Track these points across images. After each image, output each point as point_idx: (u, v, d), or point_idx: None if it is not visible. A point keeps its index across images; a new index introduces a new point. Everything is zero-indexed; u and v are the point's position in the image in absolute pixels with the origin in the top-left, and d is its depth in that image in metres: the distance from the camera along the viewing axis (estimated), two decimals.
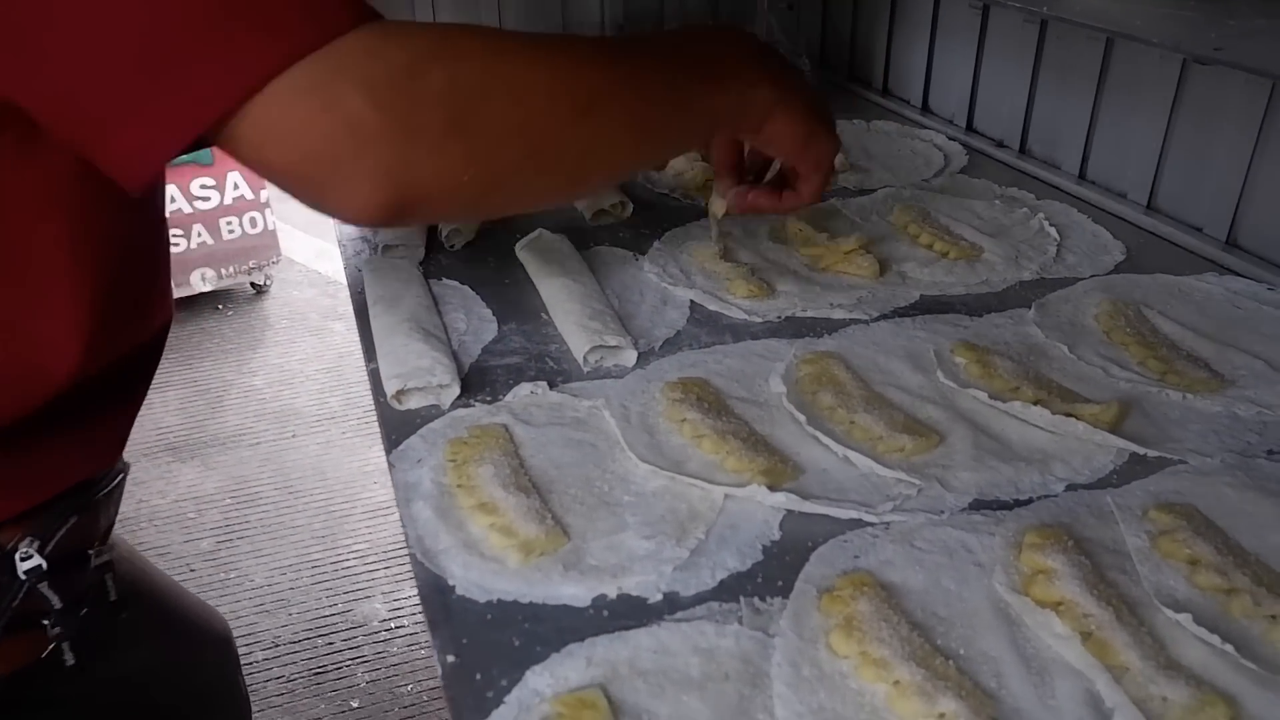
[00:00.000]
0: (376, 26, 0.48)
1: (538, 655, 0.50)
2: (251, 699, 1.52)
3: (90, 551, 0.68)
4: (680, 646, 0.50)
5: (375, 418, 0.71)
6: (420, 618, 1.87)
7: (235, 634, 1.05)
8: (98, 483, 0.67)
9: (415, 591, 1.76)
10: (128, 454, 0.74)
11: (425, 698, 1.73)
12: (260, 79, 0.44)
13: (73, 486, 0.65)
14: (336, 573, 2.00)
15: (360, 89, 0.46)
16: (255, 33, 0.44)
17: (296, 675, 1.78)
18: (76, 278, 0.55)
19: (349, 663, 1.80)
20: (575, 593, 0.54)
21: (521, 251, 0.91)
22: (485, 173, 0.52)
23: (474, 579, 0.55)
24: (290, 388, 2.62)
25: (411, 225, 0.59)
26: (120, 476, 0.71)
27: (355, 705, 1.72)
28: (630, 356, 0.75)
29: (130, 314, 0.63)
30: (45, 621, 0.64)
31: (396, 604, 1.92)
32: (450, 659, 0.50)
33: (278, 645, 1.83)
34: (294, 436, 2.41)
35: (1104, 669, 0.47)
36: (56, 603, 0.64)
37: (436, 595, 0.54)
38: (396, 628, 1.87)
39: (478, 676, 0.49)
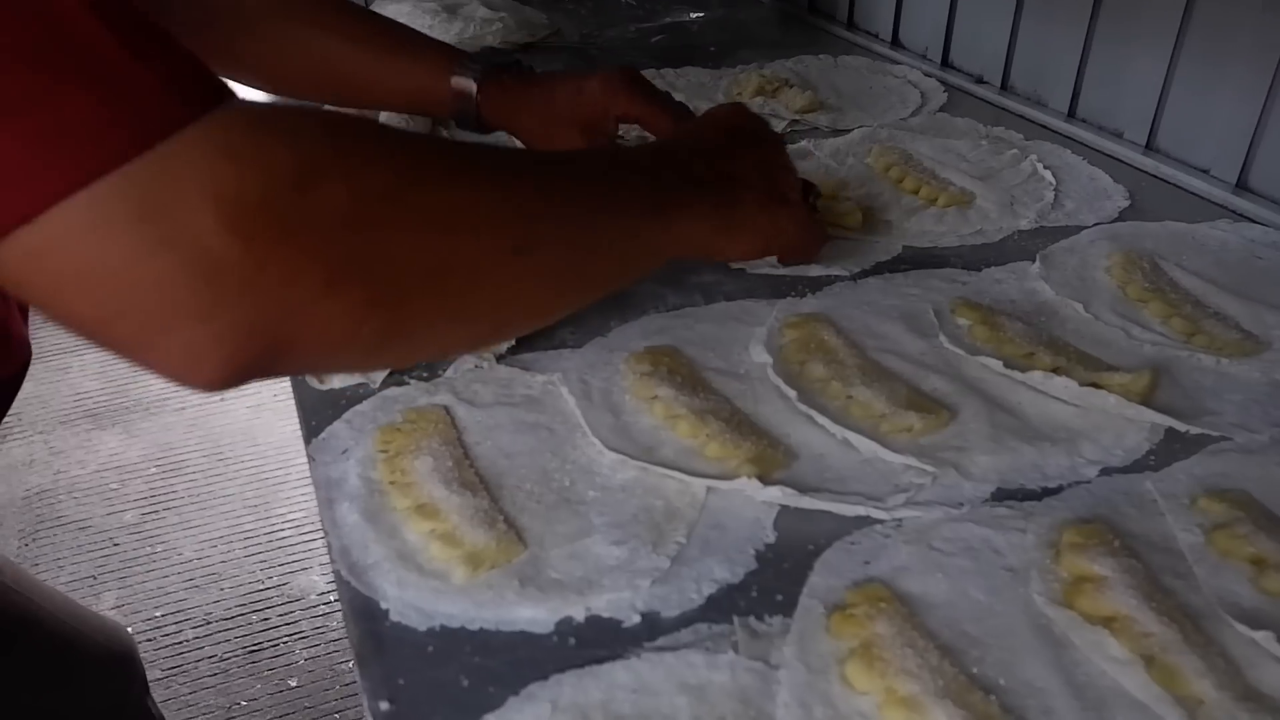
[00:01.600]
0: (241, 112, 0.34)
1: (491, 699, 0.41)
2: (183, 680, 1.42)
3: None
4: (664, 683, 0.41)
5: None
6: None
7: (163, 612, 0.95)
8: None
9: None
10: (44, 422, 0.63)
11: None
12: (48, 197, 0.30)
13: None
14: (271, 544, 1.89)
15: (216, 209, 0.32)
16: (49, 131, 0.30)
17: (230, 654, 1.67)
18: None
19: (286, 639, 1.70)
20: (535, 615, 0.44)
21: None
22: (388, 323, 0.38)
23: (411, 600, 0.45)
24: None
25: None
26: None
27: (294, 684, 1.63)
28: None
29: None
30: None
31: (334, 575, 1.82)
32: (384, 706, 0.41)
33: (209, 622, 1.72)
34: (222, 400, 2.27)
35: (1175, 702, 0.39)
36: None
37: (366, 622, 0.45)
38: (335, 600, 1.76)
39: None
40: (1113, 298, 0.69)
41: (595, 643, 0.43)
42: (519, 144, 0.80)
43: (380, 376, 0.60)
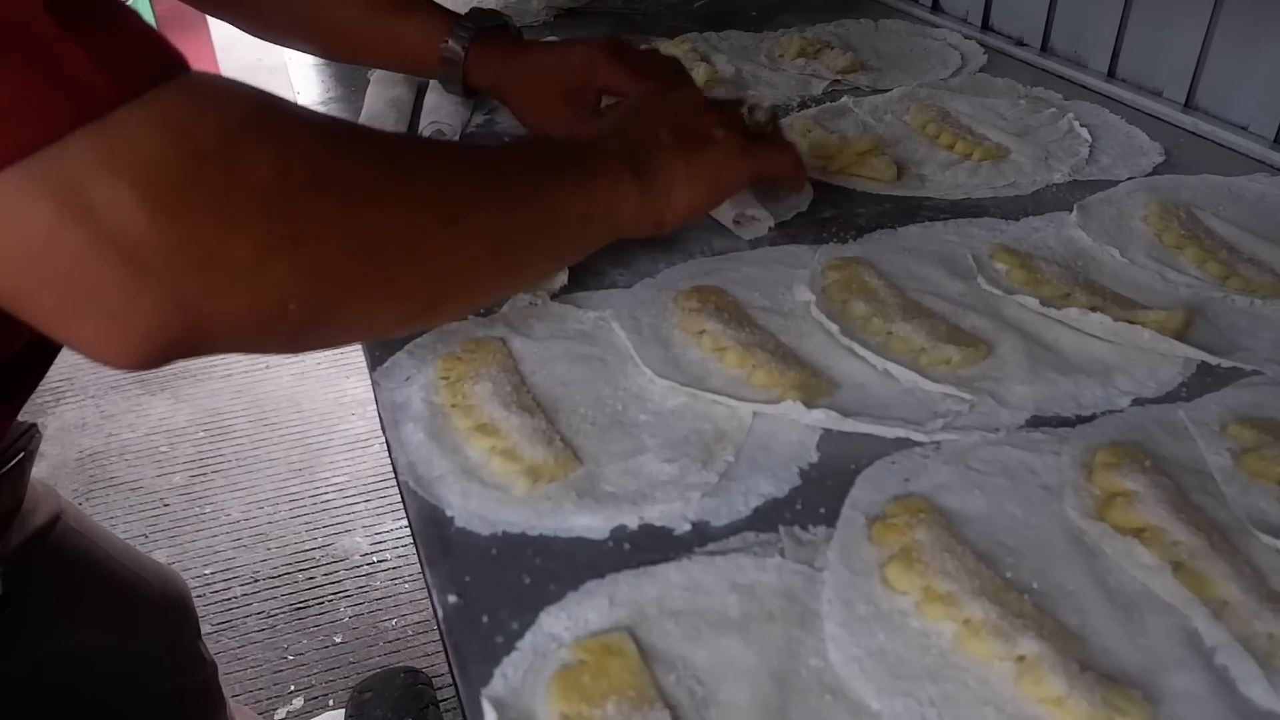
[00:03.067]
0: (179, 88, 0.34)
1: (552, 595, 0.44)
2: (233, 635, 1.47)
3: None
4: (715, 583, 0.44)
5: (353, 347, 0.64)
6: (403, 551, 1.82)
7: (212, 570, 0.99)
8: None
9: (397, 525, 1.69)
10: (96, 387, 0.66)
11: (410, 632, 1.68)
12: None
13: None
14: (315, 506, 1.94)
15: (136, 183, 0.32)
16: None
17: (278, 610, 1.72)
18: None
19: (331, 597, 1.75)
20: (591, 523, 0.47)
21: None
22: (315, 299, 0.38)
23: (475, 509, 0.48)
24: None
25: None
26: (21, 455, 0.65)
27: (339, 640, 1.68)
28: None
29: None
30: None
31: (378, 537, 1.86)
32: (452, 599, 0.44)
33: (257, 580, 1.77)
34: (267, 367, 2.33)
35: (1201, 603, 0.42)
36: None
37: (433, 528, 0.47)
38: (379, 561, 1.82)
39: (484, 619, 0.42)
40: (1149, 244, 0.70)
41: (649, 548, 0.46)
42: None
43: None
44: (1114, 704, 0.37)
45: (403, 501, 0.51)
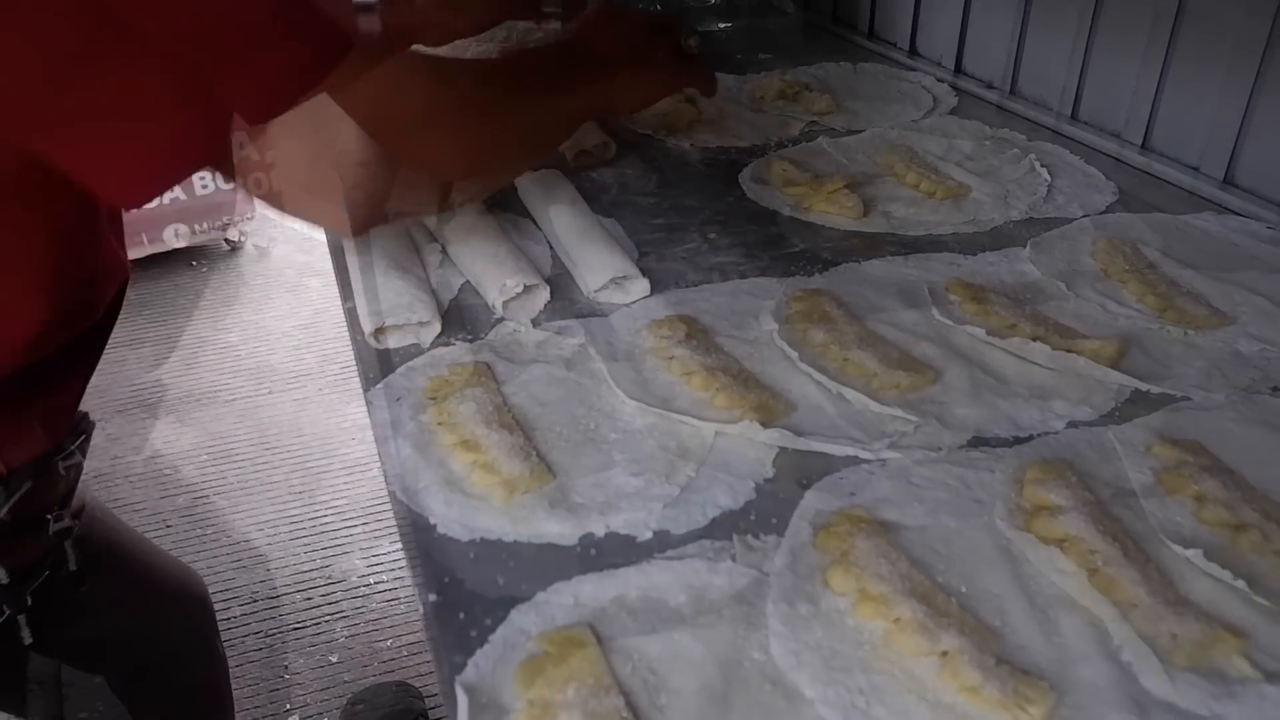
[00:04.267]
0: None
1: (523, 594, 0.48)
2: (229, 654, 1.51)
3: (49, 516, 0.67)
4: (671, 584, 0.48)
5: (350, 374, 0.69)
6: (399, 573, 1.86)
7: (212, 590, 1.03)
8: (53, 450, 0.66)
9: (393, 548, 1.74)
10: (101, 411, 0.70)
11: (405, 652, 1.71)
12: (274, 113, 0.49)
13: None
14: (314, 529, 1.98)
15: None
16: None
17: (275, 630, 1.76)
18: (32, 262, 0.54)
19: (328, 618, 1.78)
20: (561, 531, 0.52)
21: (526, 184, 0.88)
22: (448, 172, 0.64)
23: (456, 517, 0.52)
24: (266, 344, 2.57)
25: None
26: (83, 438, 0.70)
27: (335, 660, 1.71)
28: (643, 287, 0.73)
29: (83, 291, 0.61)
30: None
31: (375, 560, 1.90)
32: (432, 598, 0.48)
33: (255, 601, 1.81)
34: (270, 393, 2.37)
35: (1111, 605, 0.46)
36: (4, 578, 0.63)
37: (417, 533, 0.52)
38: (375, 583, 1.85)
39: (461, 615, 0.47)
40: (1094, 278, 0.75)
41: (613, 553, 0.51)
42: None
43: (430, 337, 0.67)
44: (1023, 693, 0.41)
45: (393, 508, 0.55)
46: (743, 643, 0.45)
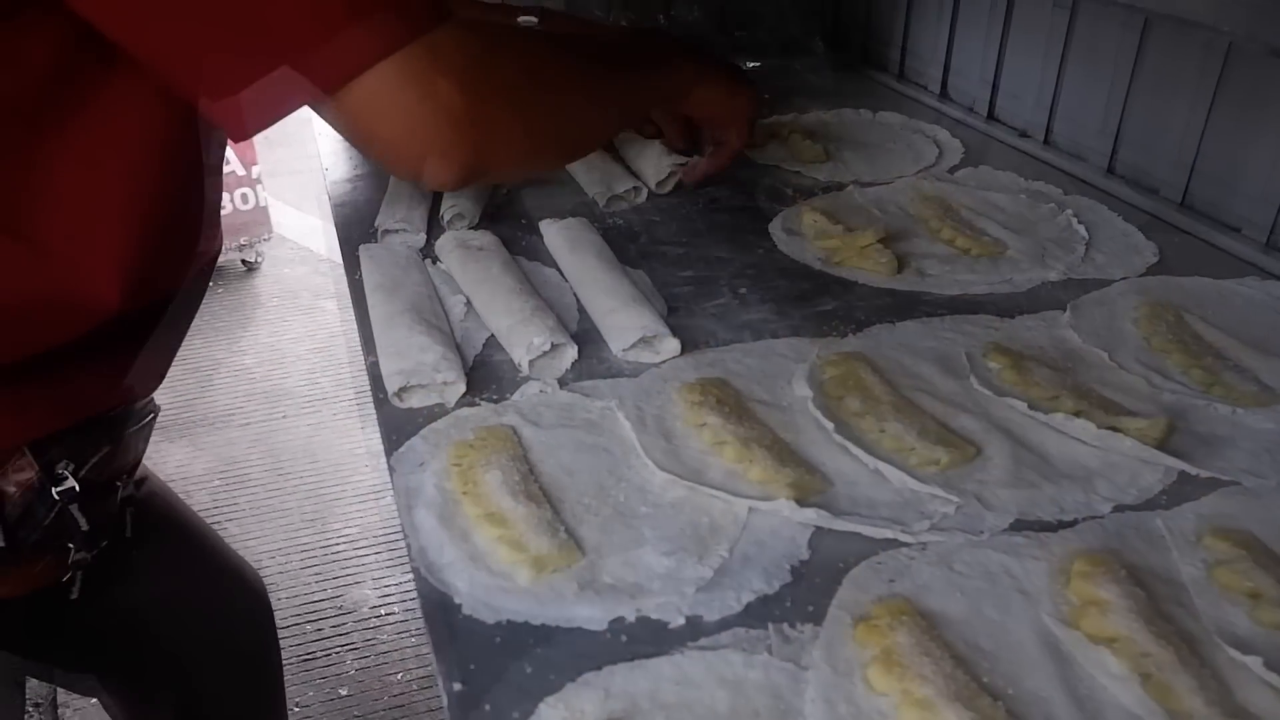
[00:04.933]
0: (456, 24, 0.55)
1: (551, 685, 0.46)
2: None
3: (118, 483, 0.72)
4: (705, 678, 0.46)
5: (365, 400, 0.69)
6: (411, 605, 1.84)
7: None
8: (129, 417, 0.71)
9: (405, 578, 1.73)
10: None
11: (415, 687, 1.69)
12: (364, 66, 0.51)
13: (107, 415, 0.68)
14: (326, 557, 1.96)
15: (451, 78, 0.54)
16: (360, 25, 0.50)
17: (285, 661, 1.73)
18: (127, 213, 0.58)
19: (338, 649, 1.77)
20: (591, 614, 0.50)
21: (552, 234, 0.87)
22: (533, 144, 0.63)
23: (481, 597, 0.51)
24: (281, 368, 2.57)
25: (477, 185, 0.75)
26: (150, 416, 0.75)
27: (344, 693, 1.69)
28: (673, 346, 0.72)
29: (174, 255, 0.66)
30: (70, 545, 0.68)
31: (386, 591, 1.88)
32: (457, 687, 0.46)
33: None
34: (284, 417, 2.37)
35: (1167, 715, 0.44)
36: (84, 524, 0.67)
37: (441, 613, 0.50)
38: (386, 614, 1.83)
39: (487, 708, 0.45)
40: (1137, 347, 0.73)
41: (644, 640, 0.49)
42: None
43: (455, 397, 0.66)
44: None
45: (417, 584, 0.53)
46: None
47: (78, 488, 0.66)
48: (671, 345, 0.71)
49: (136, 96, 0.56)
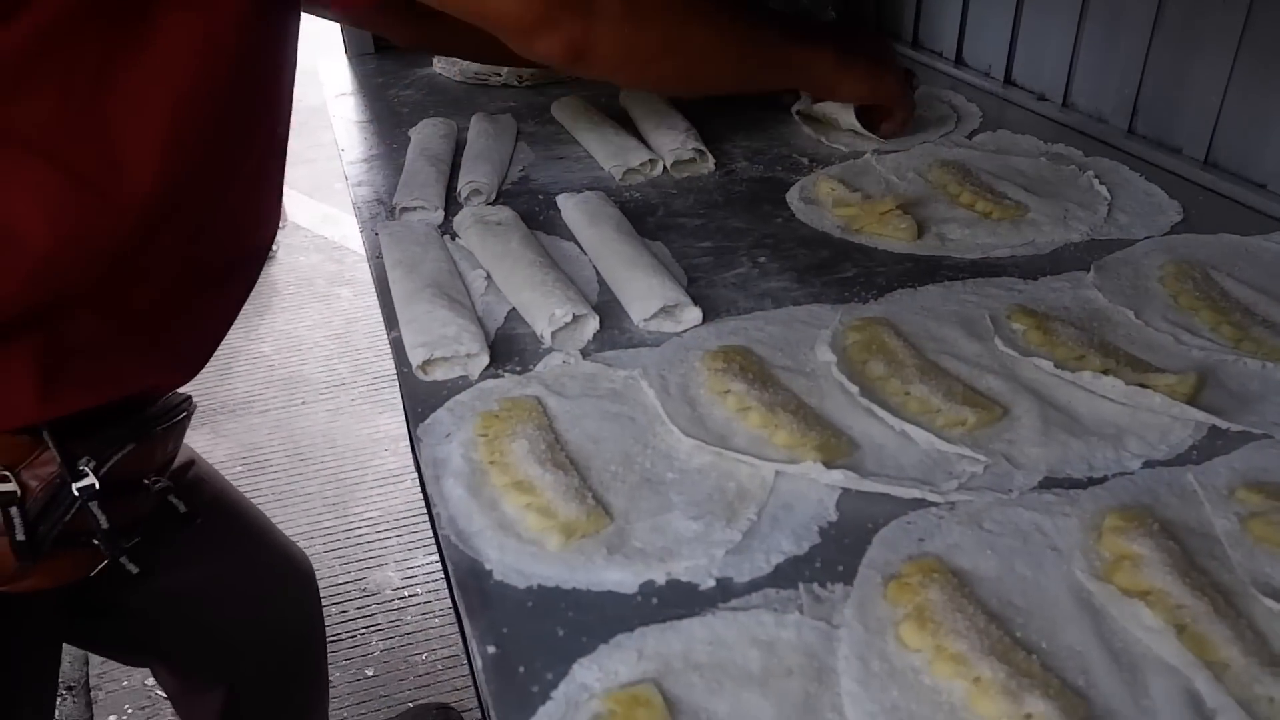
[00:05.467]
0: None
1: (584, 647, 0.46)
2: None
3: (146, 481, 0.72)
4: (737, 638, 0.46)
5: (383, 385, 0.70)
6: (434, 586, 1.85)
7: None
8: (159, 416, 0.72)
9: (428, 560, 1.75)
10: None
11: (439, 666, 1.71)
12: None
13: (135, 408, 0.69)
14: (348, 541, 1.98)
15: None
16: None
17: None
18: (166, 150, 0.59)
19: (363, 631, 1.78)
20: (621, 578, 0.50)
21: (570, 207, 0.86)
22: (643, 42, 0.73)
23: (511, 563, 0.51)
24: (299, 354, 2.58)
25: (574, 74, 0.77)
26: (184, 415, 0.75)
27: (370, 673, 1.70)
28: (694, 315, 0.71)
29: (214, 213, 0.67)
30: (95, 542, 0.69)
31: (409, 572, 1.89)
32: (491, 650, 0.46)
33: None
34: (303, 403, 2.38)
35: (1203, 666, 0.43)
36: (103, 523, 0.68)
37: (473, 580, 0.50)
38: (410, 596, 1.85)
39: (521, 669, 0.45)
40: (1164, 305, 0.72)
41: (675, 603, 0.49)
42: None
43: (478, 369, 0.66)
44: None
45: (436, 544, 0.53)
46: (815, 703, 0.43)
47: (98, 485, 0.66)
48: (693, 314, 0.71)
49: (179, 35, 0.56)
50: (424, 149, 0.97)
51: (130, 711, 1.64)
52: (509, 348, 0.69)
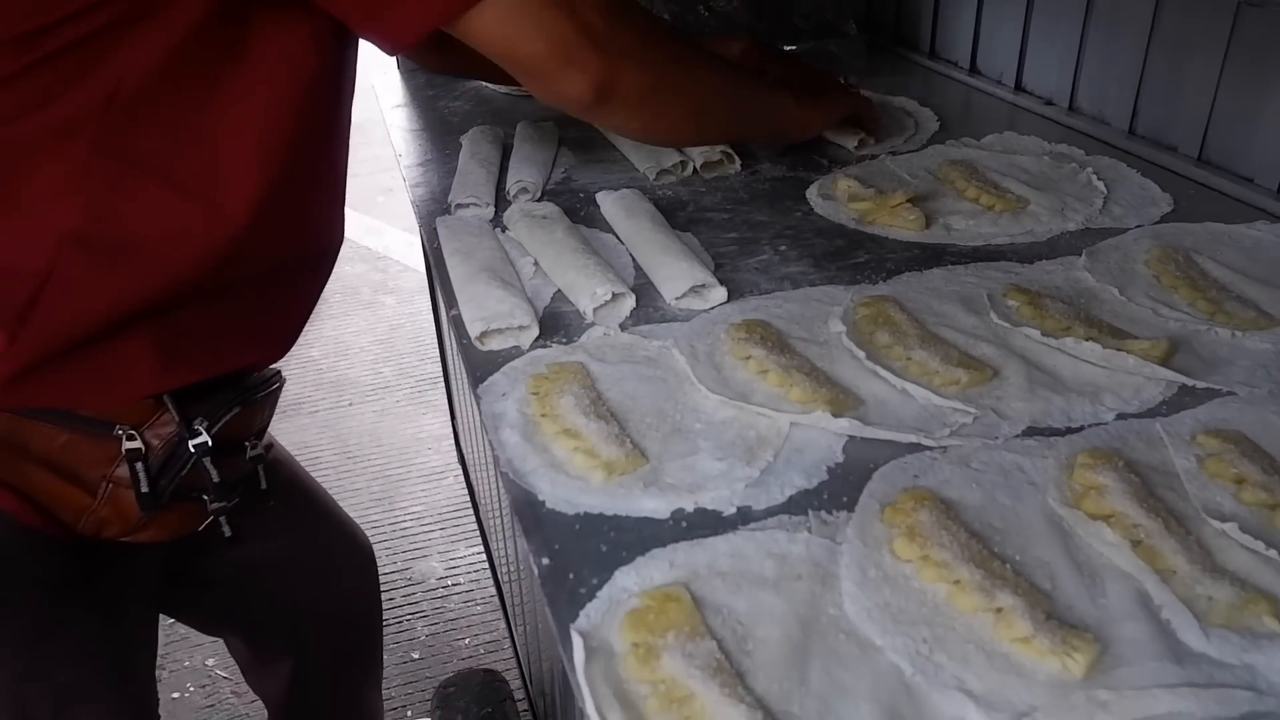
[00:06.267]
0: None
1: (623, 559, 0.55)
2: None
3: (246, 443, 0.81)
4: (755, 551, 0.54)
5: (426, 387, 0.78)
6: (476, 575, 1.94)
7: None
8: (258, 385, 0.81)
9: (470, 551, 1.85)
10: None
11: (482, 650, 1.79)
12: None
13: (239, 378, 0.78)
14: (394, 533, 2.07)
15: (595, 6, 0.67)
16: None
17: None
18: (262, 162, 0.68)
19: (409, 617, 1.87)
20: (655, 506, 0.58)
21: (608, 202, 0.95)
22: (659, 82, 0.76)
23: (562, 495, 0.59)
24: (346, 359, 2.69)
25: (593, 118, 0.80)
26: (277, 386, 0.85)
27: (416, 656, 1.79)
28: (720, 294, 0.79)
29: (300, 215, 0.76)
30: (205, 497, 0.77)
31: (453, 563, 1.99)
32: (545, 561, 0.55)
33: None
34: (350, 405, 2.49)
35: (1153, 572, 0.51)
36: (215, 477, 0.76)
37: (528, 509, 0.59)
38: (453, 585, 1.94)
39: (570, 576, 0.54)
40: (1147, 284, 0.79)
41: (701, 526, 0.57)
42: None
43: (529, 340, 0.75)
44: (1070, 643, 0.47)
45: (481, 535, 0.62)
46: (819, 601, 0.51)
47: (210, 443, 0.76)
48: (719, 293, 0.79)
49: (267, 58, 0.65)
50: (474, 153, 1.06)
51: (191, 689, 1.74)
52: (555, 323, 0.78)
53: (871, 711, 0.45)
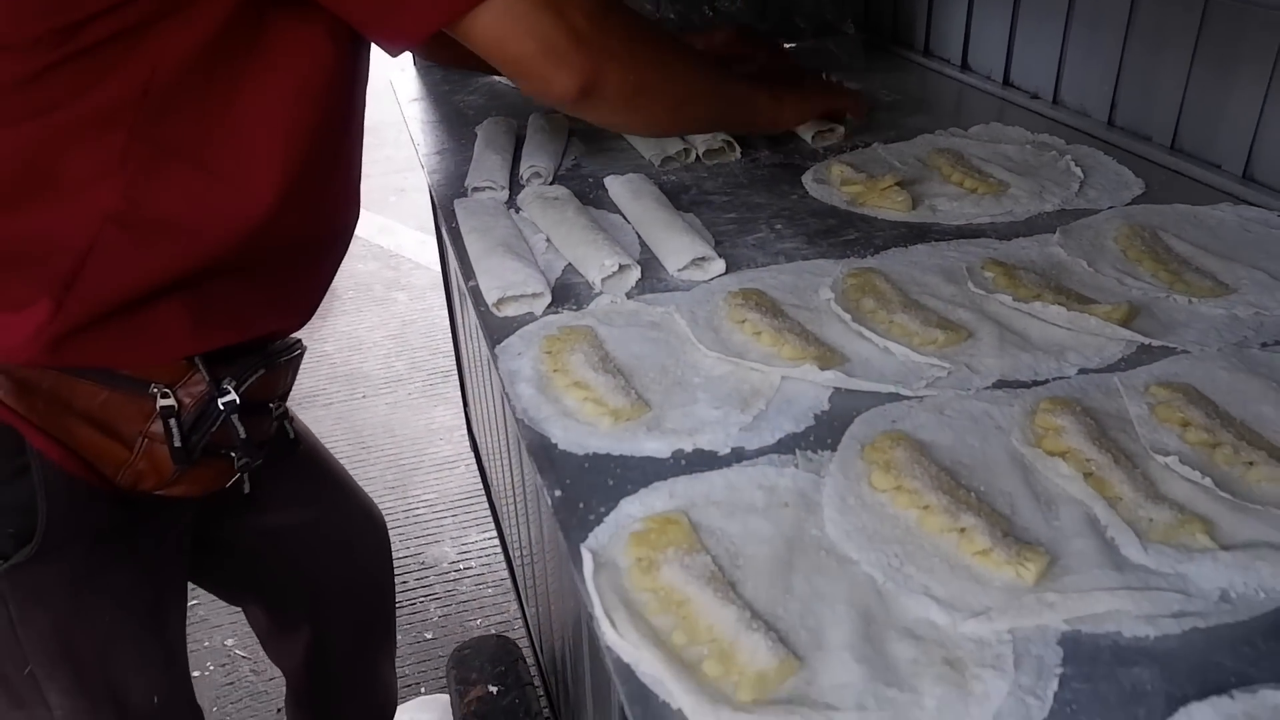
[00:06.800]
0: None
1: (628, 491, 0.61)
2: None
3: (270, 405, 0.86)
4: (746, 483, 0.61)
5: (437, 380, 0.84)
6: (487, 560, 2.00)
7: None
8: (281, 350, 0.85)
9: (482, 536, 1.93)
10: None
11: (493, 630, 1.85)
12: None
13: (265, 342, 0.83)
14: (408, 519, 2.14)
15: (581, 9, 0.71)
16: None
17: None
18: (287, 145, 0.73)
19: (422, 599, 1.94)
20: (657, 447, 0.65)
21: (616, 185, 1.02)
22: (642, 80, 0.79)
23: (573, 438, 0.66)
24: (359, 353, 2.76)
25: (581, 113, 0.83)
26: (299, 351, 0.89)
27: (429, 636, 1.86)
28: (719, 266, 0.86)
29: (320, 196, 0.81)
30: (232, 454, 0.82)
31: (464, 548, 2.05)
32: (558, 493, 0.61)
33: None
34: (364, 397, 2.55)
35: (1101, 498, 0.57)
36: (242, 433, 0.81)
37: (542, 450, 0.65)
38: (465, 568, 2.00)
39: (580, 505, 0.60)
40: (1115, 258, 0.86)
41: (699, 463, 0.63)
42: None
43: (542, 307, 0.81)
44: (1023, 555, 0.53)
45: (495, 522, 0.68)
46: (803, 524, 0.58)
47: (238, 401, 0.81)
48: (718, 265, 0.86)
49: (288, 48, 0.70)
50: (489, 141, 1.13)
51: (211, 668, 1.80)
52: (566, 293, 0.84)
53: (847, 613, 0.52)
